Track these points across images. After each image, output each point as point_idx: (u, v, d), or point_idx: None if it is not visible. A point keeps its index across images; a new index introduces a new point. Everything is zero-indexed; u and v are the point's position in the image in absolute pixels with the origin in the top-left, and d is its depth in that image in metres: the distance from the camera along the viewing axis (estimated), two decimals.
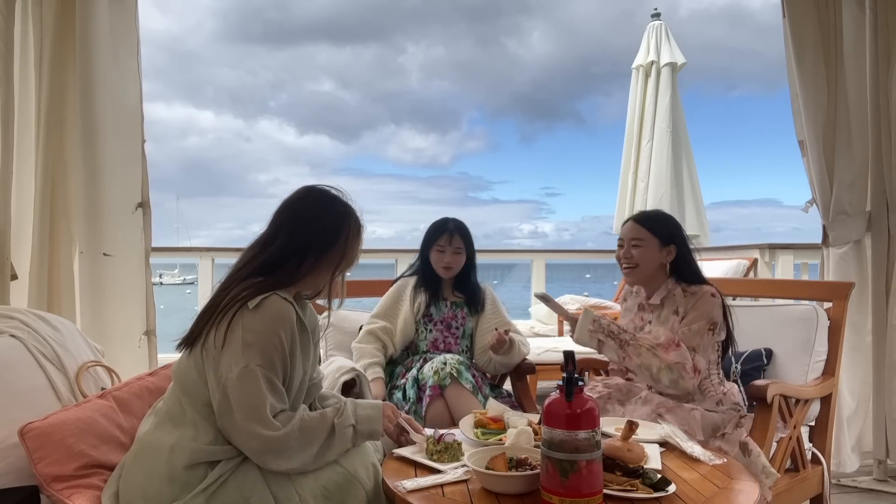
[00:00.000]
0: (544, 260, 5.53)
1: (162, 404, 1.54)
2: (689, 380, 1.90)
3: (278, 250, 1.51)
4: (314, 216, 1.54)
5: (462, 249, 2.37)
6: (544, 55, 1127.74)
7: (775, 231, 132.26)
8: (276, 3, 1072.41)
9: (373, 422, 1.56)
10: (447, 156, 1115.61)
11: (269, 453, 1.40)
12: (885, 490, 2.73)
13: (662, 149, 5.05)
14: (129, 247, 2.51)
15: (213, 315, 1.46)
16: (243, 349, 1.40)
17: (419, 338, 2.40)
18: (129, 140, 2.51)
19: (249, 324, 1.41)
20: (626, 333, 1.99)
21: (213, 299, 1.50)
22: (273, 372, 1.42)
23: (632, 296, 2.23)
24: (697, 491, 1.40)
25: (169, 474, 1.40)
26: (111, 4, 2.47)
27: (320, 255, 1.53)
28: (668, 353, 1.91)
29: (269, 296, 1.44)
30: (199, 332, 1.47)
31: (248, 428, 1.38)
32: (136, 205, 2.53)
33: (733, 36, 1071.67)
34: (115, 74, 2.47)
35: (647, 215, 2.16)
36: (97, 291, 2.45)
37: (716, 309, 1.98)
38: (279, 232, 1.53)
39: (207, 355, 1.44)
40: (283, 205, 1.57)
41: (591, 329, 2.00)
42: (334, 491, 1.48)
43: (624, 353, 1.96)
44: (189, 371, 1.47)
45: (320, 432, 1.46)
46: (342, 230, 1.55)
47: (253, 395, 1.38)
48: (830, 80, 2.81)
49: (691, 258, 2.10)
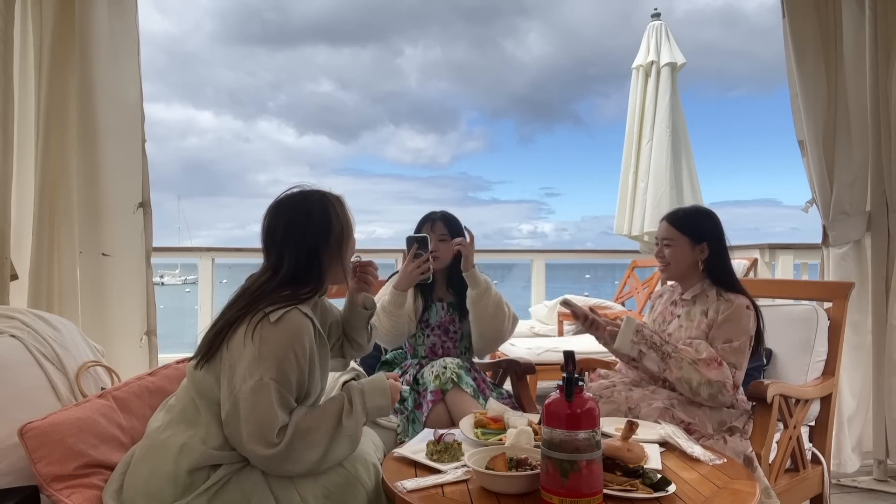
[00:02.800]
0: (544, 260, 5.53)
1: (175, 401, 1.54)
2: (729, 396, 1.90)
3: (293, 266, 1.51)
4: (304, 218, 1.54)
5: (446, 236, 2.31)
6: (541, 56, 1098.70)
7: (775, 231, 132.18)
8: (274, 5, 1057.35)
9: (383, 410, 1.58)
10: (446, 156, 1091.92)
11: (275, 466, 1.41)
12: (885, 490, 2.73)
13: (662, 149, 5.04)
14: (130, 247, 2.51)
15: (231, 326, 1.46)
16: (260, 361, 1.39)
17: (417, 342, 2.38)
18: (129, 140, 2.51)
19: (268, 337, 1.41)
20: (668, 345, 1.97)
21: (230, 313, 1.49)
22: (287, 388, 1.42)
23: (668, 291, 2.24)
24: (697, 491, 1.40)
25: (174, 474, 1.40)
26: (111, 5, 2.47)
27: (328, 244, 1.54)
28: (710, 371, 1.88)
29: (290, 310, 1.44)
30: (217, 346, 1.47)
31: (251, 448, 1.38)
32: (136, 205, 2.52)
33: (729, 37, 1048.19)
34: (116, 74, 2.47)
35: (679, 214, 2.15)
36: (98, 291, 2.44)
37: (752, 322, 1.97)
38: (283, 252, 1.53)
39: (224, 363, 1.45)
40: (268, 229, 1.56)
41: (634, 340, 1.98)
42: (335, 492, 1.48)
43: (665, 365, 1.94)
44: (206, 376, 1.48)
45: (321, 431, 1.45)
46: (329, 213, 1.56)
47: (263, 410, 1.38)
48: (830, 80, 2.81)
49: (726, 258, 2.09)
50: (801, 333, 2.25)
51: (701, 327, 2.00)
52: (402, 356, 2.42)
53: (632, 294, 5.08)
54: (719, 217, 2.13)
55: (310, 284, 1.53)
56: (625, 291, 5.15)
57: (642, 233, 5.14)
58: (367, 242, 4.71)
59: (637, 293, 5.00)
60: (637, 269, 5.15)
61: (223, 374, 1.44)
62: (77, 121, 2.38)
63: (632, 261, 5.25)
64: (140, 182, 2.53)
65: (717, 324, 1.98)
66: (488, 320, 2.26)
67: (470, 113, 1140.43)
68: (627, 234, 5.29)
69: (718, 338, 1.96)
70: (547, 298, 5.15)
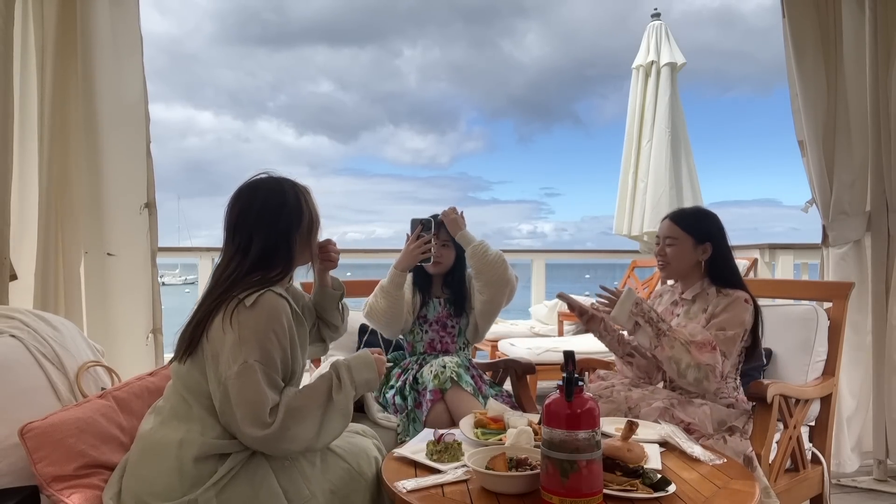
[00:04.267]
0: (544, 260, 5.53)
1: (164, 402, 1.54)
2: (714, 382, 1.90)
3: (264, 249, 1.53)
4: (279, 203, 1.56)
5: (449, 243, 2.34)
6: (539, 57, 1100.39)
7: (774, 231, 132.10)
8: (273, 6, 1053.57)
9: (370, 383, 1.59)
10: (446, 156, 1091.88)
11: (273, 447, 1.42)
12: (885, 490, 2.73)
13: (662, 149, 5.04)
14: (136, 246, 2.54)
15: (208, 318, 1.47)
16: (241, 345, 1.41)
17: (415, 339, 2.39)
18: (134, 141, 2.54)
19: (246, 321, 1.43)
20: (664, 323, 1.97)
21: (206, 303, 1.51)
22: (272, 367, 1.43)
23: (668, 292, 2.24)
24: (697, 491, 1.40)
25: (179, 469, 1.40)
26: (112, 6, 2.48)
27: (299, 230, 1.58)
28: (702, 354, 1.88)
29: (264, 292, 1.46)
30: (197, 339, 1.48)
31: (247, 431, 1.39)
32: (142, 205, 2.55)
33: (726, 39, 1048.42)
34: (119, 76, 2.49)
35: (683, 213, 2.15)
36: (104, 291, 2.47)
37: (748, 315, 1.98)
38: (253, 235, 1.53)
39: (206, 354, 1.46)
40: (240, 211, 1.57)
41: (633, 311, 1.98)
42: (341, 486, 1.52)
43: (658, 342, 1.94)
44: (191, 371, 1.49)
45: (313, 408, 1.46)
46: (300, 201, 1.59)
47: (252, 391, 1.39)
48: (830, 79, 2.81)
49: (729, 258, 2.09)
50: (801, 333, 2.25)
51: (701, 324, 2.00)
52: (401, 357, 2.43)
53: None
54: (720, 218, 2.13)
55: (279, 267, 1.55)
56: None
57: (642, 233, 5.14)
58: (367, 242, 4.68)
59: (637, 293, 5.00)
60: (637, 269, 5.16)
61: (208, 366, 1.46)
62: (81, 122, 2.40)
63: (632, 261, 5.25)
64: (145, 182, 2.55)
65: (714, 314, 1.99)
66: (491, 266, 2.26)
67: (469, 113, 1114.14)
68: (627, 234, 5.29)
69: (713, 326, 1.97)
70: (547, 298, 5.15)
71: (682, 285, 2.15)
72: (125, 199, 2.50)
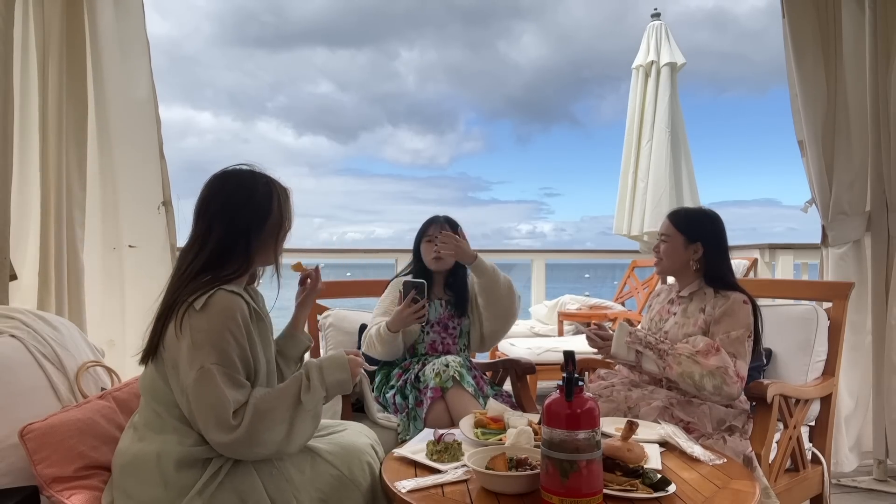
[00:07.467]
0: (544, 260, 5.53)
1: (138, 418, 1.51)
2: (733, 385, 1.86)
3: (221, 242, 1.47)
4: (245, 197, 1.50)
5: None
6: (536, 58, 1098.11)
7: (773, 231, 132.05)
8: (272, 8, 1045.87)
9: (343, 384, 1.54)
10: (445, 156, 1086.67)
11: (243, 451, 1.38)
12: (885, 490, 2.73)
13: (662, 149, 5.04)
14: (154, 243, 2.65)
15: (166, 322, 1.43)
16: (196, 350, 1.36)
17: (417, 340, 2.38)
18: (145, 142, 2.61)
19: (198, 324, 1.38)
20: (663, 343, 1.97)
21: (162, 305, 1.47)
22: (231, 367, 1.38)
23: (666, 290, 2.24)
24: (697, 491, 1.40)
25: (162, 479, 1.38)
26: (117, 9, 2.50)
27: (261, 229, 1.51)
28: (709, 359, 1.88)
29: (214, 292, 1.41)
30: (157, 342, 1.45)
31: (214, 437, 1.36)
32: (159, 204, 2.65)
33: (721, 40, 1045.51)
34: (128, 78, 2.56)
35: (679, 212, 2.17)
36: (119, 286, 2.60)
37: (750, 316, 1.97)
38: (213, 224, 1.48)
39: (167, 364, 1.42)
40: (205, 198, 1.52)
41: (629, 341, 1.98)
42: (330, 493, 1.48)
43: (664, 363, 1.93)
44: (156, 382, 1.45)
45: (281, 410, 1.41)
46: (272, 199, 1.52)
47: (212, 396, 1.35)
48: (830, 80, 2.80)
49: (724, 260, 2.09)
50: (800, 333, 2.25)
51: (698, 324, 2.00)
52: (401, 357, 2.42)
53: (632, 294, 5.09)
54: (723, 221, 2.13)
55: (234, 264, 1.47)
56: (625, 291, 5.15)
57: (642, 233, 5.14)
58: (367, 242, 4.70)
59: (637, 293, 5.00)
60: (637, 268, 5.16)
61: (170, 375, 1.42)
62: (92, 124, 2.45)
63: (632, 261, 5.26)
64: (160, 182, 2.64)
65: (714, 319, 1.98)
66: (503, 301, 2.32)
67: (468, 114, 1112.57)
68: (627, 233, 5.29)
69: (717, 332, 1.96)
70: (547, 298, 5.15)
71: (679, 283, 2.16)
72: (142, 198, 2.61)
